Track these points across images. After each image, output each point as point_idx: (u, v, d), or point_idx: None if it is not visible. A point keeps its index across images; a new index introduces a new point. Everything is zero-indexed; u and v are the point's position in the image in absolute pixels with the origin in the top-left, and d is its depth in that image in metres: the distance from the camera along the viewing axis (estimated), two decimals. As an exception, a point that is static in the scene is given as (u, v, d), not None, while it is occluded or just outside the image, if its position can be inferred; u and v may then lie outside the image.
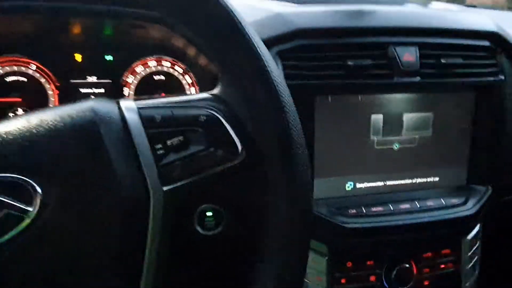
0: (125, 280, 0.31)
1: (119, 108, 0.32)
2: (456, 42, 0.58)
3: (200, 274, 0.39)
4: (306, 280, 0.56)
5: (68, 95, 0.59)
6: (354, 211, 0.55)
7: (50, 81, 0.58)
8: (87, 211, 0.28)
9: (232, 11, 0.31)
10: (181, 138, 0.31)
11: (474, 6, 1.17)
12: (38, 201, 0.27)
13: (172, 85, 0.63)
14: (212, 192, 0.35)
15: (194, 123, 0.31)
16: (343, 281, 0.57)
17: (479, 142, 0.61)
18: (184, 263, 0.38)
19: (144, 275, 0.31)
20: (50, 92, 0.58)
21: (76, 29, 0.58)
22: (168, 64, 0.62)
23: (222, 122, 0.32)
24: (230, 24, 0.31)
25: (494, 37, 0.61)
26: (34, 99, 0.57)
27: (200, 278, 0.40)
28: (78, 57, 0.59)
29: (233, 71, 0.32)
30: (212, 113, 0.32)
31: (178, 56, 0.62)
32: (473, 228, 0.63)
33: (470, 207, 0.59)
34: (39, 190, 0.27)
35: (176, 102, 0.33)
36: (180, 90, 0.63)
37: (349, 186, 0.57)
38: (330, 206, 0.55)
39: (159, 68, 0.62)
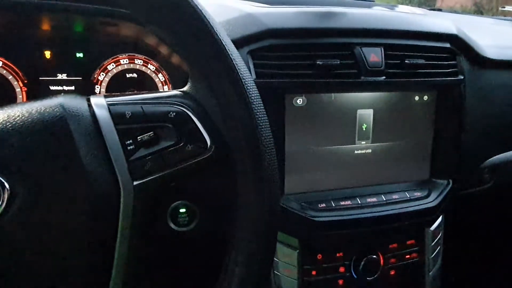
0: (95, 276, 0.31)
1: (89, 104, 0.32)
2: (419, 43, 0.61)
3: (172, 268, 0.40)
4: (277, 273, 0.58)
5: (37, 93, 0.58)
6: (323, 205, 0.57)
7: (18, 78, 0.57)
8: (56, 207, 0.28)
9: (201, 10, 0.32)
10: (151, 133, 0.31)
11: (440, 10, 1.23)
12: (5, 196, 0.27)
13: (145, 83, 0.63)
14: (183, 188, 0.36)
15: (164, 119, 0.32)
16: (313, 273, 0.59)
17: (440, 138, 0.65)
18: (157, 257, 0.39)
19: (115, 269, 0.31)
20: (17, 90, 0.57)
21: (45, 26, 0.57)
22: (141, 62, 0.62)
23: (191, 118, 0.33)
24: (199, 23, 0.32)
25: (454, 40, 0.64)
26: (1, 97, 0.56)
27: (172, 271, 0.40)
28: (47, 53, 0.58)
29: (202, 69, 0.33)
30: (182, 109, 0.33)
31: (150, 54, 0.63)
32: (436, 219, 0.66)
33: (432, 200, 0.62)
34: (6, 185, 0.27)
35: (146, 99, 0.33)
36: (153, 88, 0.63)
37: (318, 181, 0.59)
38: (301, 201, 0.57)
39: (132, 66, 0.62)
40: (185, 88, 0.35)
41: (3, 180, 0.27)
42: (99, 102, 0.32)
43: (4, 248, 0.27)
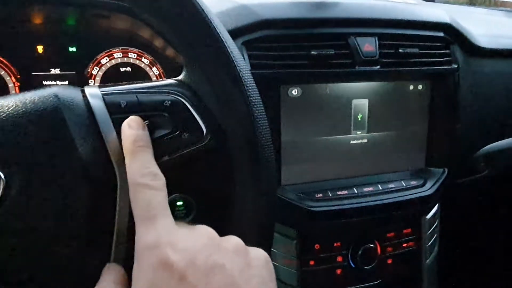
0: (93, 266, 0.31)
1: (83, 94, 0.32)
2: (413, 33, 0.61)
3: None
4: (276, 264, 0.58)
5: (30, 88, 0.57)
6: (320, 195, 0.57)
7: (10, 73, 0.56)
8: (52, 197, 0.28)
9: (196, 0, 0.32)
10: (146, 122, 0.31)
11: (433, 0, 1.23)
12: (0, 187, 0.27)
13: (139, 77, 0.62)
14: (180, 180, 0.35)
15: (159, 108, 0.32)
16: (311, 262, 0.59)
17: (435, 127, 0.65)
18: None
19: (113, 257, 0.31)
20: (10, 85, 0.56)
21: (37, 19, 0.56)
22: (134, 56, 0.62)
23: (187, 107, 0.32)
24: (194, 12, 0.32)
25: (448, 29, 0.64)
26: (-6, 92, 0.55)
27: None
28: (40, 48, 0.58)
29: (198, 59, 0.33)
30: (177, 98, 0.32)
31: (144, 47, 0.62)
32: (432, 208, 0.67)
33: (428, 188, 0.63)
34: (2, 176, 0.27)
35: (141, 88, 0.33)
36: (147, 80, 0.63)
37: (315, 172, 0.60)
38: (298, 191, 0.57)
39: (125, 59, 0.62)
40: (180, 77, 0.35)
41: (-2, 171, 0.27)
42: (93, 92, 0.31)
43: (2, 238, 0.27)
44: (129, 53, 0.61)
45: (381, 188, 0.60)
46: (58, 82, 0.59)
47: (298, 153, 0.58)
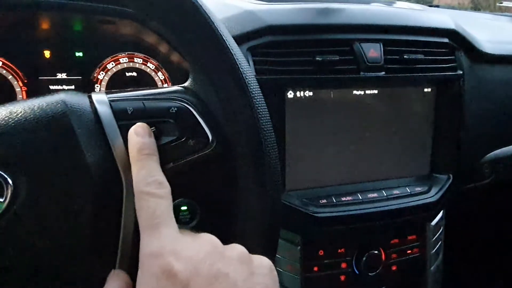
0: (98, 271, 0.31)
1: (91, 100, 0.32)
2: (417, 39, 0.61)
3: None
4: (280, 269, 0.58)
5: (37, 92, 0.58)
6: (324, 201, 0.57)
7: (18, 78, 0.57)
8: (59, 202, 0.28)
9: (201, 7, 0.32)
10: (153, 129, 0.31)
11: (437, 6, 1.23)
12: (9, 192, 0.27)
13: (145, 82, 0.63)
14: (184, 185, 0.36)
15: (165, 115, 0.32)
16: (315, 269, 0.59)
17: (440, 133, 0.65)
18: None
19: (118, 264, 0.31)
20: (17, 89, 0.57)
21: (44, 25, 0.57)
22: (140, 61, 0.62)
23: (193, 113, 0.32)
24: (200, 18, 0.32)
25: (453, 35, 0.64)
26: (1, 96, 0.56)
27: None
28: (47, 53, 0.58)
29: (204, 65, 0.33)
30: (183, 105, 0.33)
31: (150, 52, 0.63)
32: (437, 214, 0.67)
33: (433, 195, 0.62)
34: (10, 181, 0.27)
35: (147, 95, 0.33)
36: (153, 87, 0.63)
37: (319, 177, 0.59)
38: (302, 197, 0.57)
39: (131, 64, 0.62)
40: (186, 84, 0.35)
41: (6, 176, 0.27)
42: (100, 99, 0.32)
43: (9, 244, 0.27)
44: (135, 58, 0.62)
45: (385, 194, 0.60)
46: (65, 87, 0.59)
47: (303, 158, 0.58)
